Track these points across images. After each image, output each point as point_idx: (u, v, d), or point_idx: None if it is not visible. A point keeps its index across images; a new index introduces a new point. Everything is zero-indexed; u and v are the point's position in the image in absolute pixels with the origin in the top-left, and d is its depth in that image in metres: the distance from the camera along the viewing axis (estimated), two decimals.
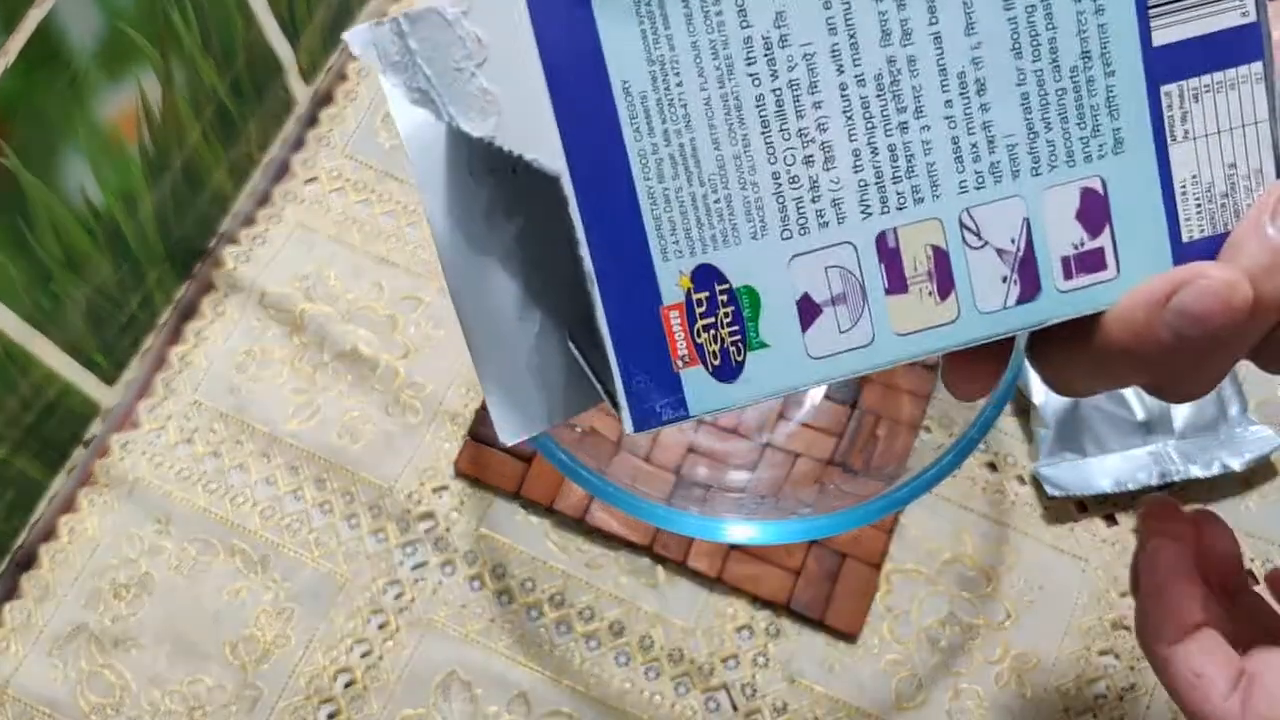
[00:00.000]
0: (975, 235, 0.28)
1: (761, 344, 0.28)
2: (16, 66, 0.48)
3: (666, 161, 0.27)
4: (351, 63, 0.71)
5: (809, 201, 0.28)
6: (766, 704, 0.59)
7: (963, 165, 0.28)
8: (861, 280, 0.28)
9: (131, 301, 0.63)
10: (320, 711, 0.59)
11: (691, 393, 0.28)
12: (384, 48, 0.27)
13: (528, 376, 0.32)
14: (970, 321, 0.29)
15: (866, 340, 0.29)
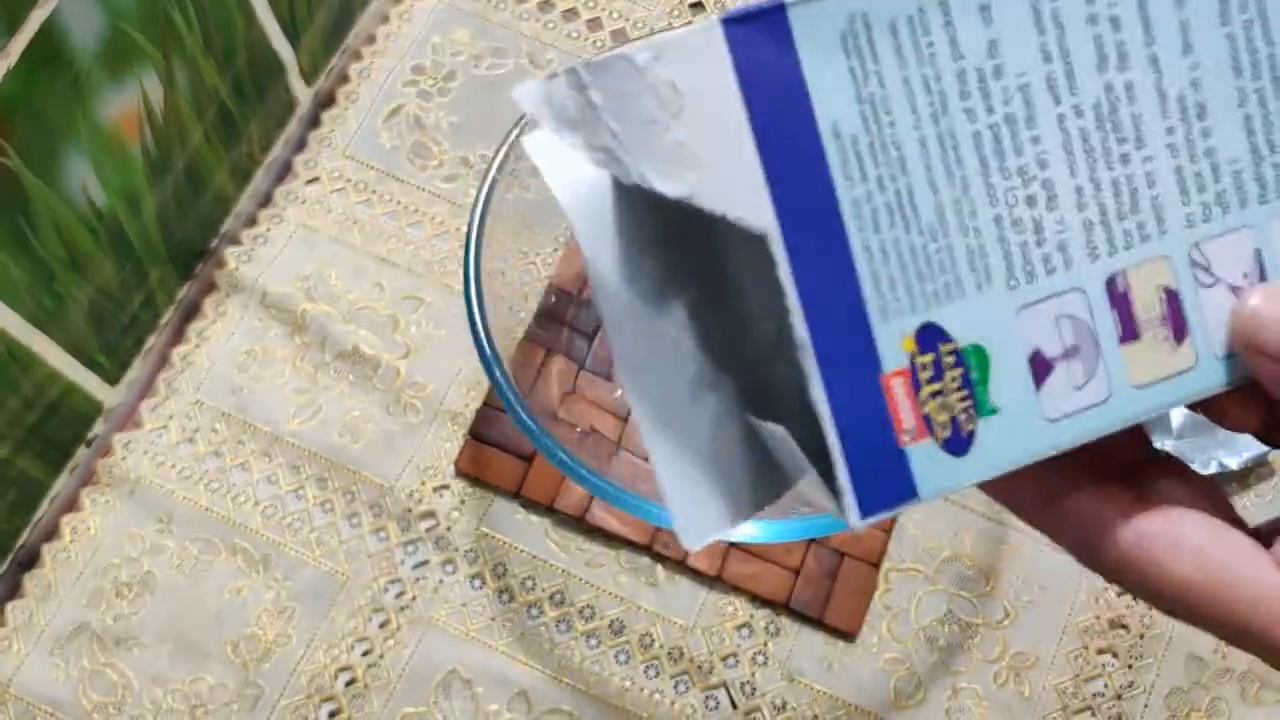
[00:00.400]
0: (1206, 272, 0.26)
1: (993, 410, 0.25)
2: (19, 67, 0.48)
3: (882, 210, 0.25)
4: (353, 64, 0.71)
5: (1034, 246, 0.26)
6: (766, 702, 0.59)
7: (1188, 197, 0.26)
8: (1094, 329, 0.26)
9: (134, 301, 0.63)
10: (321, 710, 0.59)
11: (920, 471, 0.25)
12: (560, 104, 0.25)
13: (709, 469, 0.28)
14: (1209, 368, 0.26)
15: (1103, 396, 0.26)
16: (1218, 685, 0.59)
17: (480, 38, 0.72)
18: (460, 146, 0.69)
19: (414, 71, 0.71)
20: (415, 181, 0.69)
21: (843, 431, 0.24)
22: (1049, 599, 0.61)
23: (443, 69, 0.71)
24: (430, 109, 0.70)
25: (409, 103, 0.70)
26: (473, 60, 0.71)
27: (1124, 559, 0.27)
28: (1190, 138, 0.26)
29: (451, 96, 0.71)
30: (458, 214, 0.68)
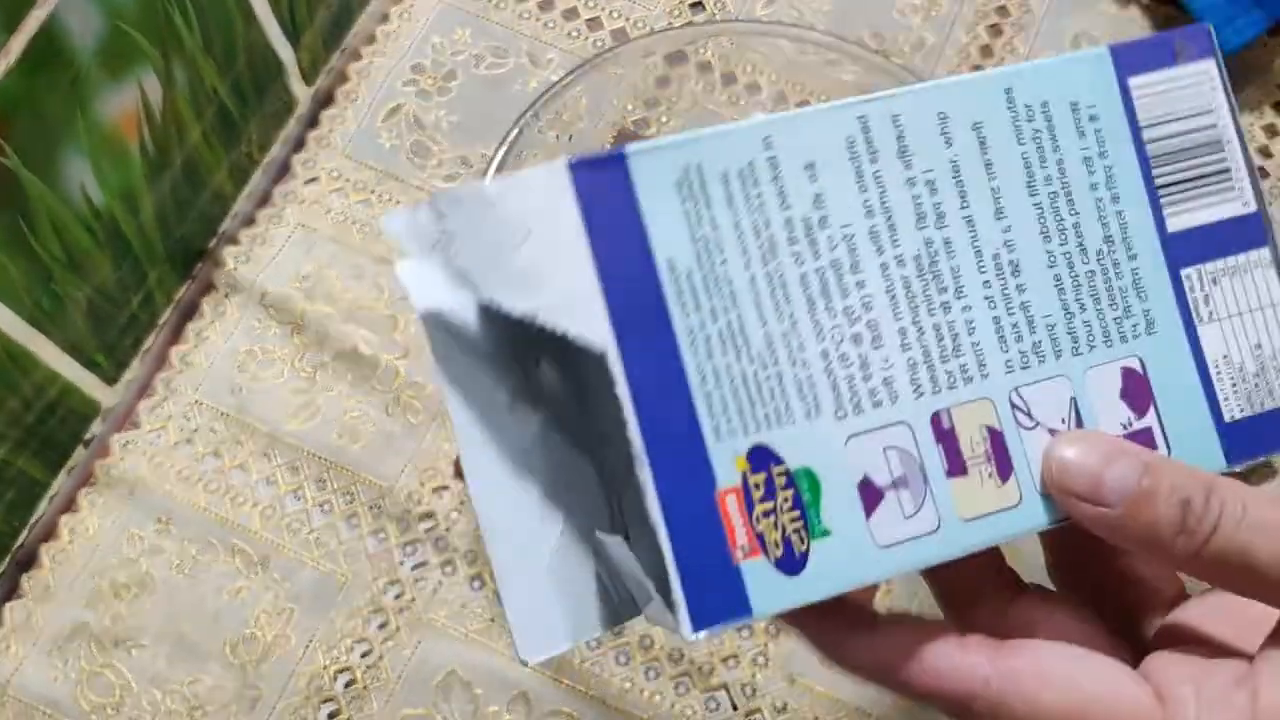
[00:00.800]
0: (1027, 415, 0.28)
1: (825, 531, 0.26)
2: (18, 66, 0.48)
3: (715, 338, 0.26)
4: (352, 63, 0.71)
5: (860, 380, 0.27)
6: (766, 704, 0.59)
7: (1006, 345, 0.28)
8: (921, 462, 0.27)
9: (132, 301, 0.63)
10: (321, 711, 0.59)
11: (754, 587, 0.26)
12: (422, 231, 0.27)
13: (553, 586, 0.29)
14: (1034, 507, 0.28)
15: (932, 527, 0.27)
16: None
17: (480, 37, 0.72)
18: (460, 146, 0.69)
19: (413, 71, 0.71)
20: (415, 181, 0.69)
21: (677, 545, 0.25)
22: None
23: (442, 68, 0.71)
24: (430, 108, 0.70)
25: (408, 102, 0.70)
26: (472, 60, 0.71)
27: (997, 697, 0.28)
28: (1006, 292, 0.28)
29: (451, 96, 0.70)
30: None
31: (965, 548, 0.27)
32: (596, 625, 0.29)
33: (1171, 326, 0.29)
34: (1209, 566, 0.27)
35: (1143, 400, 0.29)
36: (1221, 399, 0.29)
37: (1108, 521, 0.27)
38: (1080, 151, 0.29)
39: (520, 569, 0.29)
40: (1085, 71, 0.29)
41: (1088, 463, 0.27)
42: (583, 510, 0.30)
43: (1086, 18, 0.72)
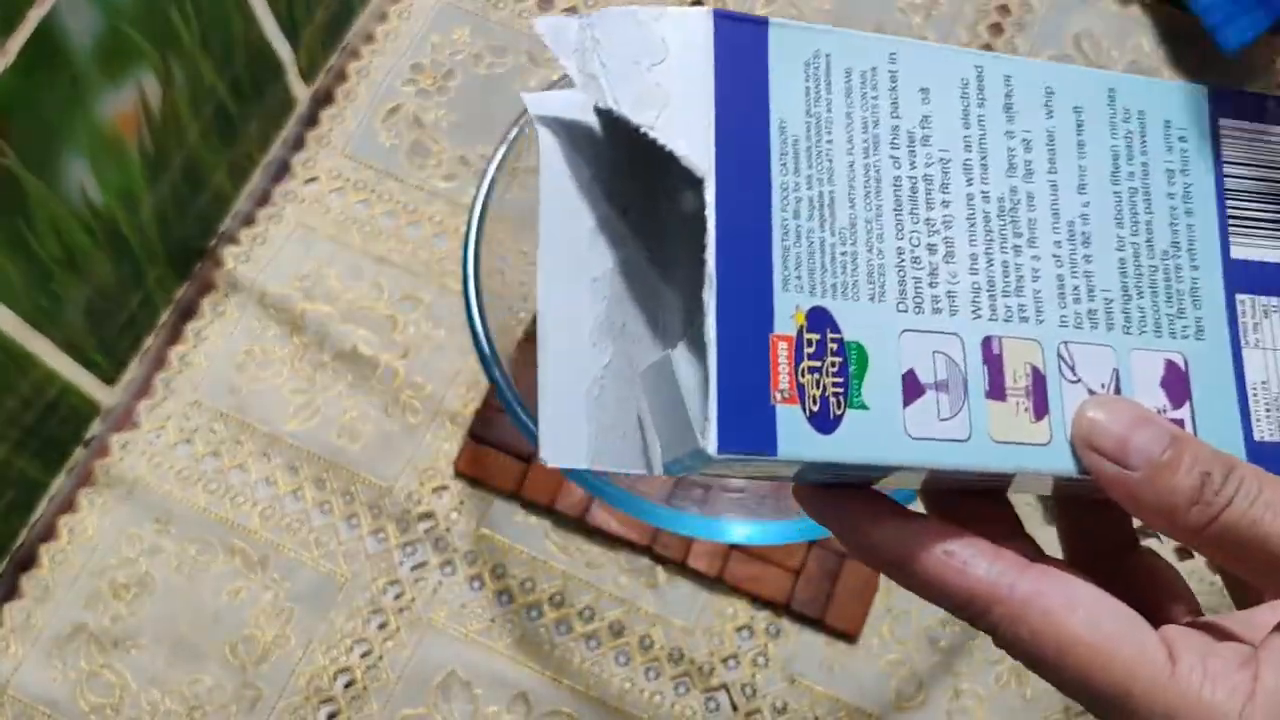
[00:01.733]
0: (1071, 370, 0.29)
1: (862, 404, 0.27)
2: (16, 66, 0.48)
3: (805, 202, 0.28)
4: (352, 62, 0.71)
5: (927, 284, 0.29)
6: (766, 704, 0.59)
7: (1064, 302, 0.29)
8: (965, 375, 0.28)
9: (131, 301, 0.63)
10: (320, 711, 0.59)
11: (784, 430, 0.27)
12: (568, 34, 0.29)
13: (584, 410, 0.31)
14: (1061, 452, 0.29)
15: (964, 435, 0.28)
16: None
17: (479, 36, 0.72)
18: (459, 145, 0.69)
19: (413, 70, 0.71)
20: (414, 181, 0.69)
21: (722, 369, 0.27)
22: None
23: (442, 68, 0.71)
24: (429, 108, 0.70)
25: (408, 101, 0.70)
26: (472, 59, 0.71)
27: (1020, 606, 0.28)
28: (1074, 257, 0.30)
29: (450, 95, 0.70)
30: (456, 213, 0.68)
31: (988, 465, 0.28)
32: (618, 460, 0.31)
33: (1219, 339, 0.31)
34: (1218, 540, 0.28)
35: (1180, 394, 0.30)
36: (1254, 418, 0.31)
37: (1127, 484, 0.28)
38: (1165, 162, 0.31)
39: (561, 383, 0.31)
40: (1184, 99, 0.32)
41: (1118, 423, 0.28)
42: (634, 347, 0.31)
43: (1087, 17, 0.72)
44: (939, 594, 0.29)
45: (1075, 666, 0.28)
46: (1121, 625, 0.28)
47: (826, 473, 0.28)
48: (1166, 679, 0.27)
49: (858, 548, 0.30)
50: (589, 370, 0.31)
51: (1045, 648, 0.28)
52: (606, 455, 0.31)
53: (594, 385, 0.31)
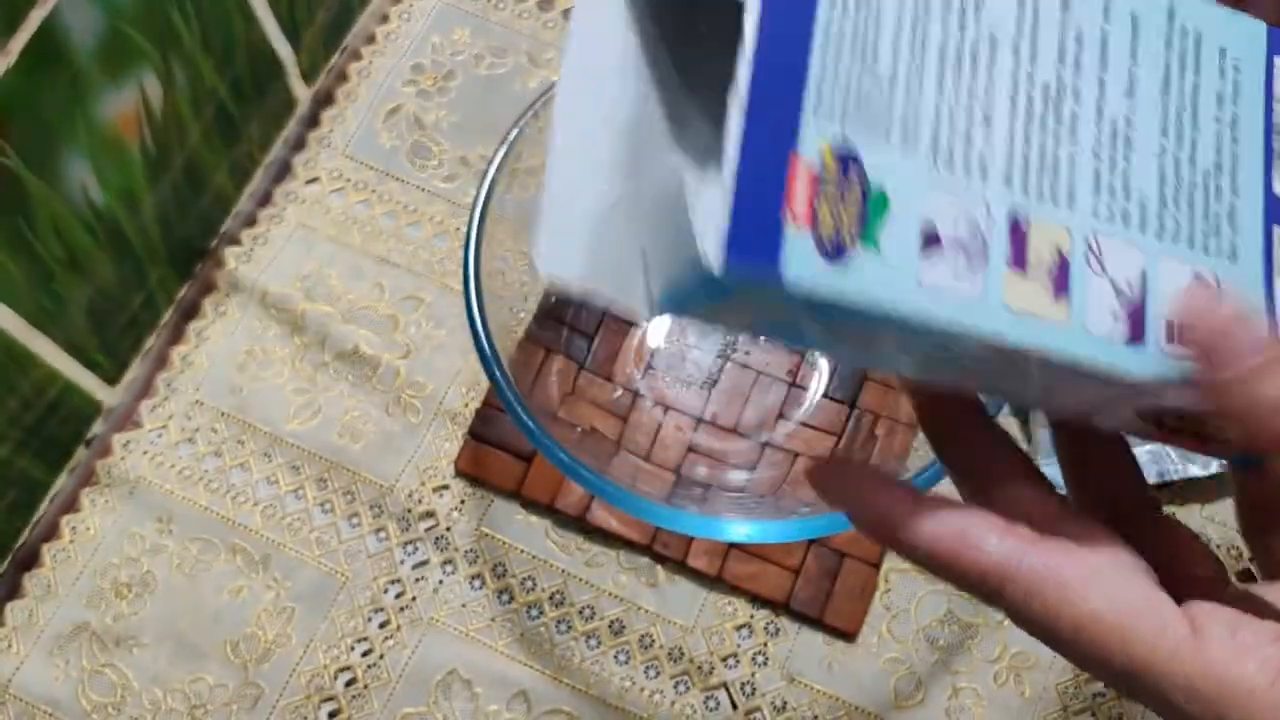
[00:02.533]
0: (1098, 261, 0.29)
1: (876, 244, 0.26)
2: (18, 66, 0.48)
3: (848, 41, 0.27)
4: (353, 63, 0.71)
5: (960, 146, 0.28)
6: (766, 702, 0.59)
7: (1099, 195, 0.29)
8: (987, 240, 0.28)
9: (133, 301, 0.63)
10: (321, 710, 0.59)
11: (791, 251, 0.26)
12: None
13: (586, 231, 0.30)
14: (1077, 335, 0.28)
15: (976, 295, 0.27)
16: None
17: (480, 37, 0.72)
18: (460, 146, 0.69)
19: (413, 71, 0.71)
20: (415, 181, 0.69)
21: (741, 181, 0.26)
22: None
23: (442, 68, 0.71)
24: (430, 108, 0.70)
25: (408, 102, 0.70)
26: (472, 60, 0.71)
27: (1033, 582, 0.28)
28: (1113, 156, 0.29)
29: (451, 96, 0.71)
30: (457, 214, 0.68)
31: (998, 330, 0.27)
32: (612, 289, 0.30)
33: (1253, 265, 0.30)
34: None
35: None
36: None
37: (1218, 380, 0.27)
38: (1215, 87, 0.31)
39: (567, 203, 0.30)
40: (1242, 30, 0.31)
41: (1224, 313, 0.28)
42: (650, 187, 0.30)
43: None
44: (951, 572, 0.29)
45: (1091, 643, 0.27)
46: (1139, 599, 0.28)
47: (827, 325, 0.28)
48: (1190, 652, 0.27)
49: (870, 525, 0.30)
50: (598, 200, 0.30)
51: (1060, 625, 0.28)
52: (602, 280, 0.30)
53: (601, 215, 0.30)
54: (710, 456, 0.61)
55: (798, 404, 0.62)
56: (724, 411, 0.62)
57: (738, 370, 0.63)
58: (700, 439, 0.62)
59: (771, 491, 0.60)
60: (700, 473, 0.61)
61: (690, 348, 0.63)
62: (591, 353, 0.63)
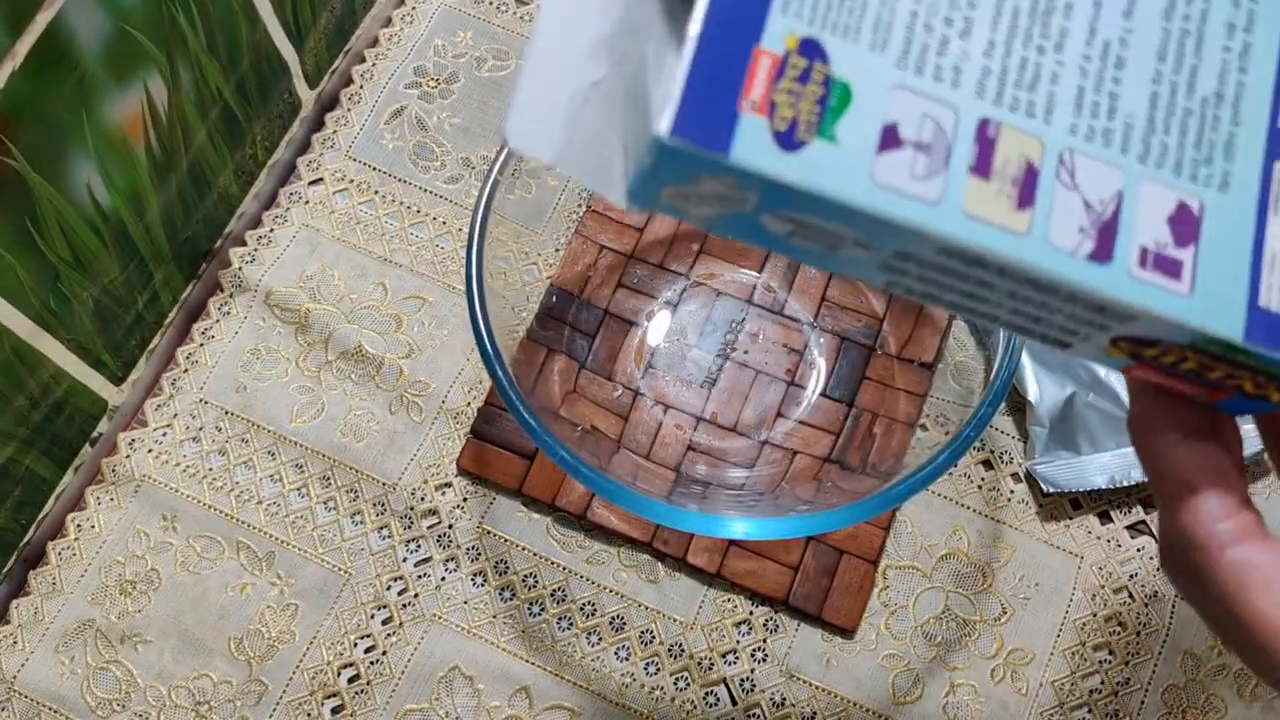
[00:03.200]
0: (1070, 175, 0.28)
1: (832, 137, 0.26)
2: (24, 68, 0.48)
3: None
4: (356, 66, 0.72)
5: (934, 52, 0.28)
6: (765, 698, 0.60)
7: (1079, 113, 0.28)
8: (951, 145, 0.27)
9: (138, 301, 0.63)
10: (325, 706, 0.60)
11: (743, 137, 0.26)
12: None
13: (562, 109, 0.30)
14: (1037, 246, 0.28)
15: (933, 198, 0.27)
16: (1214, 682, 0.60)
17: (482, 39, 0.72)
18: (462, 148, 0.70)
19: (416, 73, 0.72)
20: (418, 182, 0.69)
21: (697, 64, 0.26)
22: (1046, 596, 0.61)
23: (445, 71, 0.72)
24: (433, 110, 0.71)
25: (411, 104, 0.71)
26: (475, 62, 0.72)
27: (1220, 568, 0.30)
28: (1101, 74, 0.29)
29: (454, 98, 0.71)
30: (460, 214, 0.68)
31: (952, 235, 0.27)
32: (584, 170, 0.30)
33: (1245, 198, 0.29)
34: None
35: (1187, 236, 0.29)
36: (1264, 285, 0.29)
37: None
38: (1228, 16, 0.30)
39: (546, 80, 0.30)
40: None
41: None
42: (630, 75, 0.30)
43: None
44: (1167, 514, 0.31)
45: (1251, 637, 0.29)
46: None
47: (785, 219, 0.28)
48: None
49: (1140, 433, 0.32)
50: (578, 80, 0.30)
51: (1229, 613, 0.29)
52: (574, 161, 0.30)
53: (580, 95, 0.30)
54: (710, 455, 0.62)
55: (796, 403, 0.63)
56: (723, 410, 0.63)
57: (737, 369, 0.64)
58: (700, 437, 0.62)
59: (770, 489, 0.61)
60: (700, 471, 0.61)
61: (690, 347, 0.64)
62: (593, 352, 0.64)
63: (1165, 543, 0.31)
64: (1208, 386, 0.31)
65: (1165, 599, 0.61)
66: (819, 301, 0.65)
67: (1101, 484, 0.60)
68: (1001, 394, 0.51)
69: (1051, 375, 0.63)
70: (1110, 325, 0.30)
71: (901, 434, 0.61)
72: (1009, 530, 0.62)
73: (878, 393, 0.63)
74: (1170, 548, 0.31)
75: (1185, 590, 0.31)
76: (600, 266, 0.65)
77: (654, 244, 0.66)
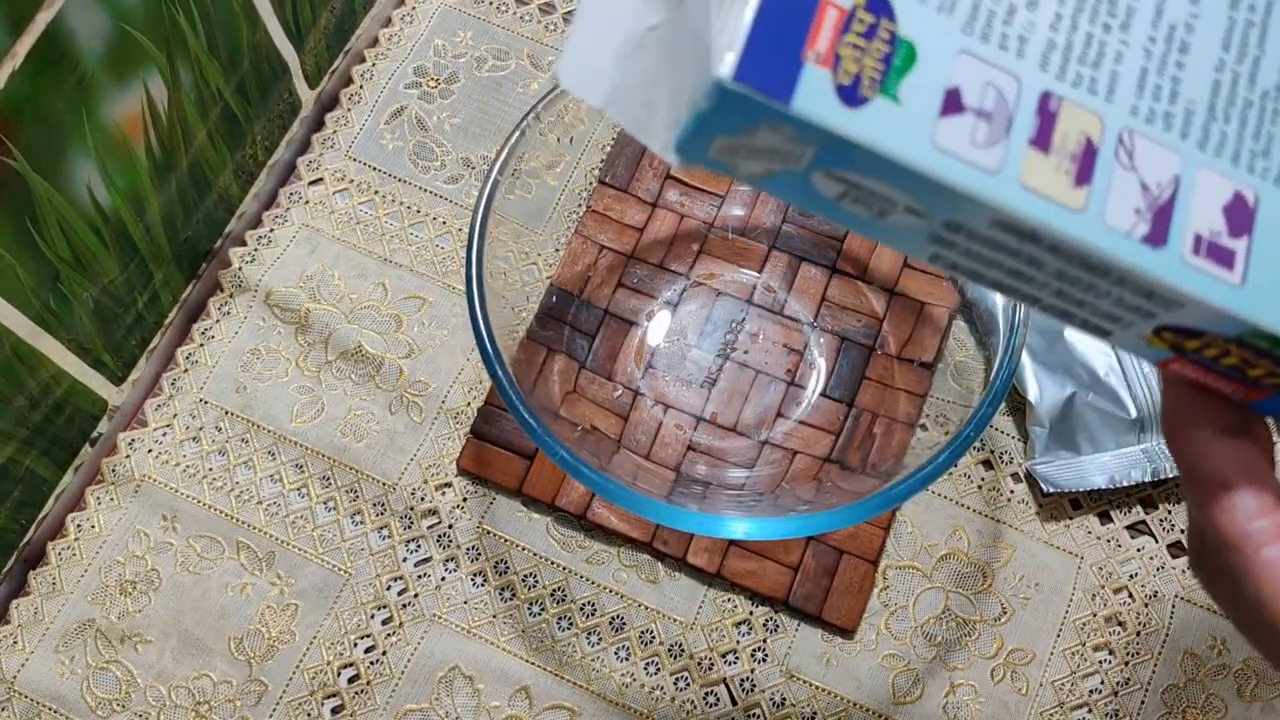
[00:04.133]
0: (1128, 156, 0.28)
1: (896, 96, 0.26)
2: (24, 68, 0.49)
3: None
4: (356, 66, 0.72)
5: (1000, 20, 0.27)
6: (765, 698, 0.60)
7: (1142, 93, 0.28)
8: (1012, 115, 0.27)
9: (138, 301, 0.63)
10: (325, 706, 0.60)
11: (805, 88, 0.25)
12: None
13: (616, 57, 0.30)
14: (1093, 224, 0.27)
15: (992, 167, 0.27)
16: (1214, 682, 0.60)
17: (482, 40, 0.72)
18: (462, 148, 0.70)
19: (416, 73, 0.72)
20: (418, 182, 0.69)
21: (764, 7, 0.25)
22: (1046, 596, 0.61)
23: (445, 71, 0.72)
24: (433, 110, 0.71)
25: (411, 104, 0.71)
26: (474, 62, 0.72)
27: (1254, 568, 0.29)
28: (1165, 58, 0.28)
29: (454, 98, 0.71)
30: (460, 214, 0.68)
31: (1009, 205, 0.27)
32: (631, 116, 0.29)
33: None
34: None
35: (1241, 227, 0.29)
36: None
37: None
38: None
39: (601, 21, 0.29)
40: None
41: None
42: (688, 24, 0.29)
43: None
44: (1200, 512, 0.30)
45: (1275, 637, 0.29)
46: None
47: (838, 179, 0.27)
48: None
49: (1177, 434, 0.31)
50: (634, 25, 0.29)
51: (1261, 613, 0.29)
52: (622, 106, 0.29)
53: (634, 40, 0.30)
54: (710, 455, 0.62)
55: (796, 403, 0.63)
56: (723, 410, 0.63)
57: (737, 369, 0.64)
58: (700, 437, 0.62)
59: (770, 489, 0.61)
60: (700, 471, 0.61)
61: (690, 347, 0.64)
62: (592, 352, 0.64)
63: (1196, 540, 0.31)
64: (1246, 384, 0.31)
65: (1165, 599, 0.61)
66: (819, 301, 0.65)
67: (1101, 484, 0.60)
68: (1001, 394, 0.51)
69: (1051, 375, 0.63)
70: (1156, 312, 0.29)
71: (901, 434, 0.61)
72: (1009, 530, 0.62)
73: (878, 393, 0.63)
74: (1202, 546, 0.31)
75: (1215, 590, 0.31)
76: (600, 266, 0.65)
77: (654, 244, 0.66)
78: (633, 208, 0.67)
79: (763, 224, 0.66)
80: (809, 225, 0.66)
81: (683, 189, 0.67)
